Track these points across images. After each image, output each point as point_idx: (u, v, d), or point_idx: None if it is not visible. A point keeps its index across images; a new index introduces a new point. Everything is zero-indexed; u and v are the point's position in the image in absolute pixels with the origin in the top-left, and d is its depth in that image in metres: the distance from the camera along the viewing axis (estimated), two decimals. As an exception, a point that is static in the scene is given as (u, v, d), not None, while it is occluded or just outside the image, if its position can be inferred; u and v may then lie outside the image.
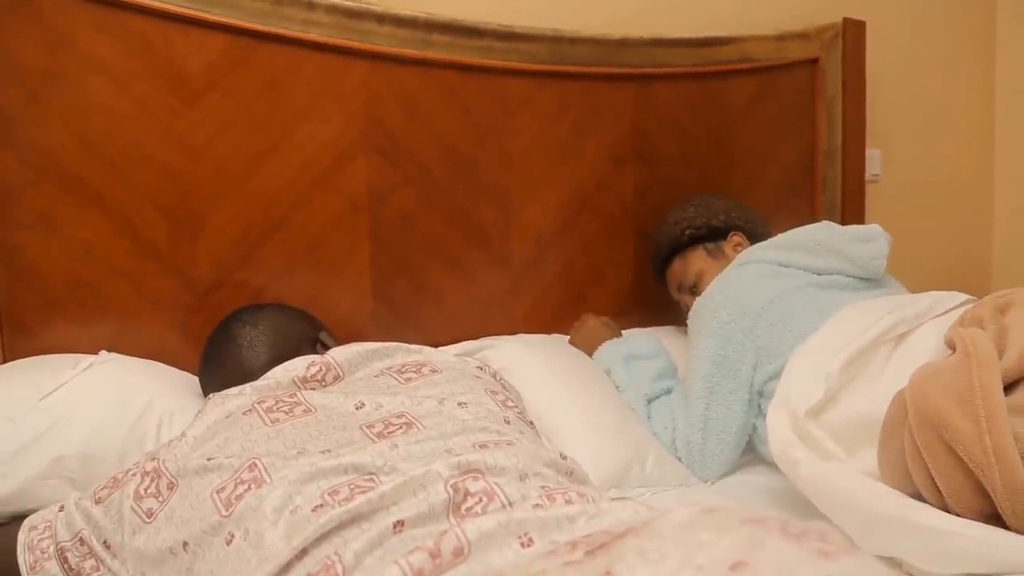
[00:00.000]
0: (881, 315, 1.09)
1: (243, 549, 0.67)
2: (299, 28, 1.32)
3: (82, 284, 1.22)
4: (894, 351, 1.06)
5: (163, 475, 0.78)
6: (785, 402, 1.06)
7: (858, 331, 1.07)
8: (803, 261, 1.31)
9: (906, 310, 1.09)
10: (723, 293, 1.30)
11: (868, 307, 1.16)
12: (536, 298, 1.58)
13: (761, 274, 1.30)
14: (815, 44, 1.84)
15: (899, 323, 1.07)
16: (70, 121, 1.20)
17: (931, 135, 2.19)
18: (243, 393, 0.90)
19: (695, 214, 1.51)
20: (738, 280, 1.31)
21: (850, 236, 1.33)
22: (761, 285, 1.28)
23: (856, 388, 1.03)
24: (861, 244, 1.31)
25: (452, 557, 0.59)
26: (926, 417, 0.83)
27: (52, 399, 1.05)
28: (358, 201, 1.40)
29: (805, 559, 0.51)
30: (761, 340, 1.24)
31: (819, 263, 1.31)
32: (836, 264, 1.30)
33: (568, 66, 1.55)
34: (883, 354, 1.06)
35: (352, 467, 0.71)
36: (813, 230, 1.36)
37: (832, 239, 1.32)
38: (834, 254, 1.30)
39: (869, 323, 1.08)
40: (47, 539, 0.84)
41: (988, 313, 0.97)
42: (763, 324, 1.24)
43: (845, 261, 1.30)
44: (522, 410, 0.97)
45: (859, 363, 1.05)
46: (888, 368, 1.04)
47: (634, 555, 0.51)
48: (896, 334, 1.07)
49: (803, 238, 1.35)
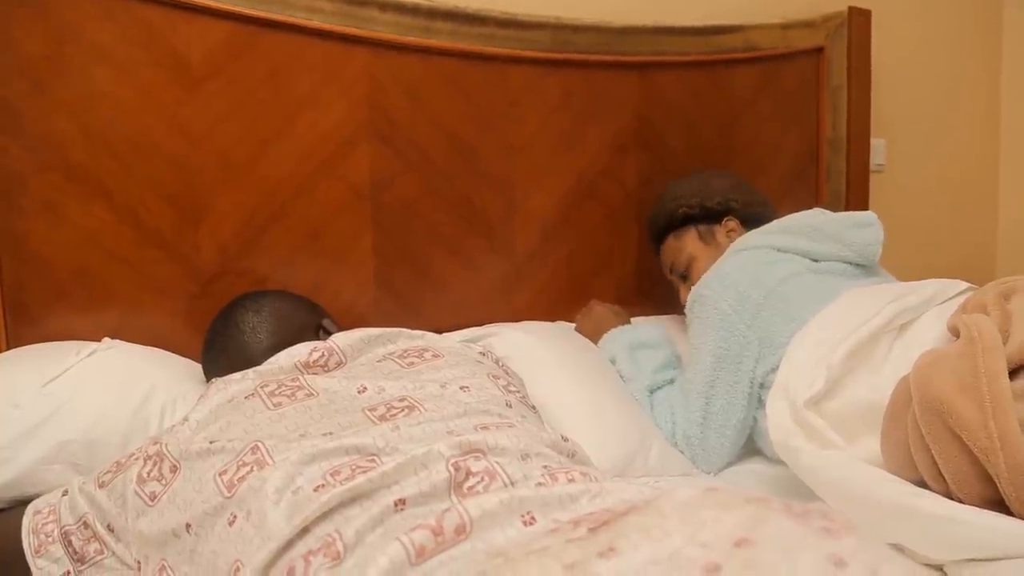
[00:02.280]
0: (884, 303, 1.07)
1: (245, 529, 0.67)
2: (303, 15, 1.32)
3: (86, 272, 1.23)
4: (896, 340, 1.05)
5: (166, 458, 0.79)
6: (785, 391, 1.04)
7: (860, 320, 1.06)
8: (800, 246, 1.30)
9: (909, 299, 1.08)
10: (722, 283, 1.26)
11: (869, 294, 1.15)
12: (539, 287, 1.58)
13: (759, 260, 1.28)
14: (820, 33, 1.83)
15: (902, 312, 1.06)
16: (74, 110, 1.20)
17: (936, 125, 2.18)
18: (246, 378, 0.89)
19: (691, 192, 1.48)
20: (738, 268, 1.28)
21: (847, 222, 1.31)
22: (761, 273, 1.25)
23: (858, 377, 1.02)
24: (858, 230, 1.30)
25: (454, 534, 0.59)
26: (930, 403, 0.82)
27: (56, 385, 1.05)
28: (361, 189, 1.40)
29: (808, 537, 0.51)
30: (763, 331, 1.21)
31: (816, 248, 1.29)
32: (833, 250, 1.29)
33: (571, 54, 1.55)
34: (885, 343, 1.05)
35: (354, 448, 0.71)
36: (809, 215, 1.34)
37: (828, 224, 1.31)
38: (831, 239, 1.29)
39: (871, 312, 1.06)
40: (51, 523, 0.84)
41: (992, 299, 0.95)
42: (765, 314, 1.21)
43: (842, 247, 1.29)
44: (524, 395, 0.97)
45: (861, 353, 1.03)
46: (891, 357, 1.03)
47: (637, 532, 0.51)
48: (899, 323, 1.06)
49: (800, 223, 1.33)
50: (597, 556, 0.50)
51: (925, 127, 2.15)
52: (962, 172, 2.25)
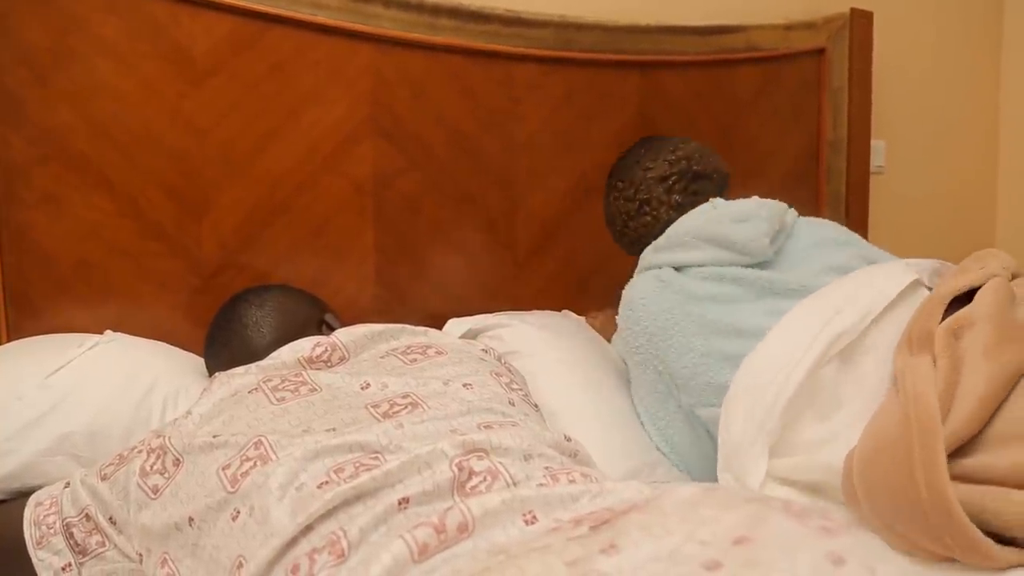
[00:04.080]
0: (815, 331, 0.96)
1: (249, 525, 0.68)
2: (308, 11, 1.32)
3: (88, 264, 1.23)
4: (841, 373, 0.95)
5: (169, 452, 0.79)
6: (730, 467, 0.97)
7: (792, 360, 0.95)
8: (689, 258, 1.17)
9: (844, 317, 0.96)
10: (626, 316, 1.18)
11: (797, 323, 1.01)
12: (540, 284, 1.58)
13: (650, 287, 1.17)
14: (822, 34, 1.83)
15: (840, 336, 0.95)
16: (77, 102, 1.20)
17: (936, 128, 2.18)
18: (249, 372, 0.90)
19: (609, 214, 1.38)
20: (634, 296, 1.18)
21: (725, 218, 1.17)
22: (651, 301, 1.15)
23: (803, 430, 0.94)
24: (737, 226, 1.16)
25: (457, 533, 0.59)
26: (876, 510, 0.78)
27: (58, 377, 1.05)
28: (363, 185, 1.40)
29: (807, 535, 0.51)
30: (666, 365, 1.12)
31: (701, 257, 1.16)
32: (721, 256, 1.15)
33: (574, 52, 1.55)
34: (829, 378, 0.95)
35: (357, 445, 0.72)
36: (693, 216, 1.21)
37: (707, 226, 1.17)
38: (714, 245, 1.16)
39: (801, 350, 0.95)
40: (53, 515, 0.85)
41: (942, 337, 0.85)
42: (663, 347, 1.12)
43: (727, 250, 1.15)
44: (527, 393, 0.98)
45: (802, 399, 0.95)
46: (839, 398, 0.94)
47: (638, 530, 0.52)
48: (838, 350, 0.95)
49: (680, 231, 1.19)
50: (599, 553, 0.50)
51: (925, 129, 2.15)
52: (961, 175, 2.25)
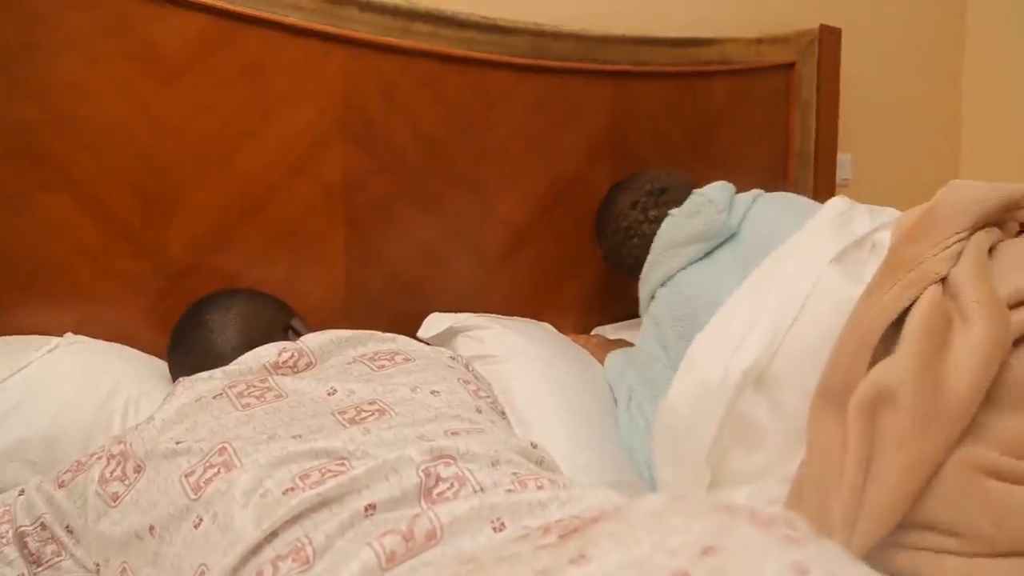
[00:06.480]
0: (725, 361, 0.96)
1: (211, 532, 0.66)
2: (281, 12, 1.31)
3: (49, 264, 1.19)
4: (756, 403, 0.95)
5: (130, 458, 0.77)
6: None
7: (707, 396, 0.96)
8: (678, 264, 1.28)
9: (755, 340, 0.95)
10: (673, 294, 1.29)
11: (707, 354, 1.02)
12: (510, 290, 1.58)
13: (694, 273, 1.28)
14: (792, 49, 1.87)
15: (752, 366, 0.94)
16: (43, 98, 1.17)
17: (900, 140, 2.24)
18: (213, 377, 0.88)
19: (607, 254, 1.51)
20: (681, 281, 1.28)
21: (683, 217, 1.30)
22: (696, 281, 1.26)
23: (731, 462, 0.95)
24: (694, 219, 1.28)
25: (425, 540, 0.59)
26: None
27: (15, 380, 1.02)
28: (334, 188, 1.39)
29: (773, 545, 0.51)
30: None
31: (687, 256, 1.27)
32: (699, 247, 1.26)
33: (549, 60, 1.56)
34: (747, 410, 0.95)
35: (324, 452, 0.71)
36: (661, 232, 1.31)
37: (670, 233, 1.29)
38: (691, 242, 1.27)
39: (713, 391, 0.95)
40: (6, 524, 0.82)
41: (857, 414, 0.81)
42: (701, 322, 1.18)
43: (701, 242, 1.27)
44: (494, 400, 0.97)
45: (724, 439, 0.95)
46: (760, 427, 0.93)
47: (607, 539, 0.52)
48: (751, 379, 0.95)
49: (660, 245, 1.30)
50: (568, 562, 0.50)
51: (890, 143, 2.21)
52: (925, 187, 2.29)
